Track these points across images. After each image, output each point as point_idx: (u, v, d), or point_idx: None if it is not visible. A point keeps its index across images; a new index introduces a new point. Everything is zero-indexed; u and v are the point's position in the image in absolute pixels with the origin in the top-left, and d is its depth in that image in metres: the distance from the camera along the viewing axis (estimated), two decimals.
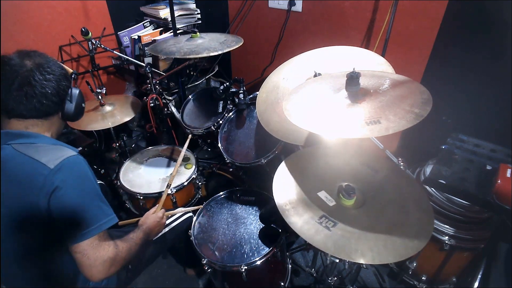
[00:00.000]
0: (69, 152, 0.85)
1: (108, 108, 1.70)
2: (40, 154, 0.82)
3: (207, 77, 2.17)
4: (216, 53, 1.42)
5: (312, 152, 1.17)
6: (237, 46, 1.49)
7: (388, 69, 1.20)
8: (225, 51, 1.44)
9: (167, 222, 1.30)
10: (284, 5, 1.81)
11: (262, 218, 1.32)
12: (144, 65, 1.77)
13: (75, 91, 0.96)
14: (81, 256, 0.84)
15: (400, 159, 1.11)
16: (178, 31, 1.99)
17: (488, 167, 1.11)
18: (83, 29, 1.67)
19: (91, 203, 0.86)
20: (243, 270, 1.14)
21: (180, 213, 1.36)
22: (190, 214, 1.39)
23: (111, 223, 0.89)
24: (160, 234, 1.25)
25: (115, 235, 0.99)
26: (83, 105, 1.00)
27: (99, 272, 0.86)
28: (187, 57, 1.42)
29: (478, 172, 1.10)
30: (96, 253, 0.85)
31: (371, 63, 1.24)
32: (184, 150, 1.52)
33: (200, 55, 1.41)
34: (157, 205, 1.30)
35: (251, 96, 1.62)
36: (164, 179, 1.57)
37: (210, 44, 1.51)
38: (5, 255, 0.83)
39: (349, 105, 0.91)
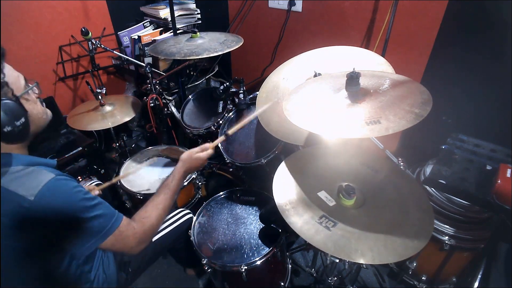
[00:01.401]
0: (45, 175, 0.76)
1: (108, 108, 1.70)
2: (14, 183, 0.73)
3: (207, 77, 2.17)
4: (216, 54, 1.42)
5: (312, 152, 1.17)
6: (237, 46, 1.49)
7: (388, 69, 1.20)
8: (225, 51, 1.44)
9: (167, 224, 1.30)
10: (284, 5, 1.81)
11: (262, 218, 1.32)
12: (144, 65, 1.77)
13: None
14: (112, 249, 0.86)
15: (400, 159, 1.11)
16: (178, 31, 1.99)
17: (488, 167, 1.11)
18: (83, 29, 1.67)
19: (91, 214, 0.81)
20: (243, 270, 1.14)
21: None
22: (190, 215, 1.39)
23: (118, 221, 0.86)
24: (161, 235, 1.25)
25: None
26: (16, 123, 0.76)
27: (138, 247, 0.90)
28: (188, 58, 1.42)
29: (478, 172, 1.10)
30: (125, 241, 0.86)
31: (371, 63, 1.24)
32: None
33: (200, 56, 1.41)
34: (206, 145, 1.13)
35: (251, 96, 1.62)
36: (164, 179, 1.56)
37: (210, 45, 1.51)
38: (4, 255, 0.83)
39: (349, 105, 0.91)
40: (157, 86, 1.78)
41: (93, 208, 0.82)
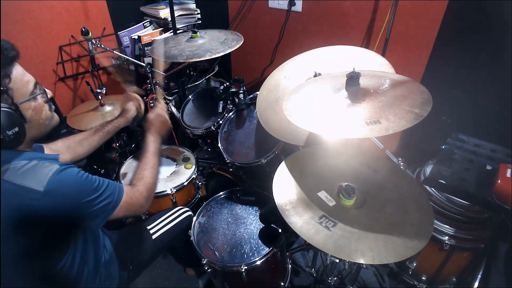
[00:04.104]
0: (50, 166, 0.77)
1: (108, 108, 1.70)
2: (21, 177, 0.74)
3: (207, 77, 2.17)
4: (218, 55, 1.42)
5: (312, 152, 1.17)
6: (238, 46, 1.49)
7: (389, 69, 1.20)
8: (227, 52, 1.44)
9: (167, 221, 1.30)
10: (284, 5, 1.81)
11: (262, 218, 1.32)
12: (144, 65, 1.77)
13: None
14: (127, 214, 0.92)
15: (400, 159, 1.11)
16: (178, 31, 1.99)
17: (488, 167, 1.11)
18: (83, 29, 1.67)
19: (97, 193, 0.84)
20: (243, 270, 1.14)
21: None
22: (190, 213, 1.39)
23: (122, 190, 0.91)
24: (160, 232, 1.25)
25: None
26: (8, 132, 0.75)
27: (148, 203, 0.99)
28: (190, 61, 1.42)
29: (478, 172, 1.10)
30: (136, 203, 0.94)
31: (372, 63, 1.23)
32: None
33: (202, 58, 1.41)
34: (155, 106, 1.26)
35: (251, 96, 1.62)
36: (164, 179, 1.56)
37: (211, 45, 1.50)
38: (4, 255, 0.83)
39: (349, 105, 0.91)
40: (157, 86, 1.78)
41: (98, 187, 0.85)
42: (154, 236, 1.23)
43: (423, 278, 1.41)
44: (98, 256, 1.03)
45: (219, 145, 1.54)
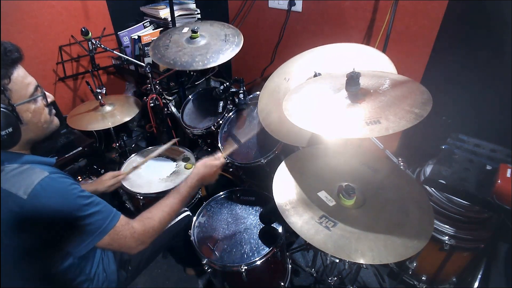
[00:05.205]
0: (38, 174, 0.76)
1: (108, 108, 1.70)
2: (8, 182, 0.74)
3: (207, 77, 2.17)
4: (232, 55, 1.49)
5: (312, 152, 1.17)
6: (241, 41, 1.53)
7: (390, 66, 1.19)
8: (237, 51, 1.52)
9: None
10: (284, 5, 1.81)
11: (262, 218, 1.32)
12: (144, 65, 1.77)
13: None
14: (109, 248, 0.85)
15: (400, 159, 1.11)
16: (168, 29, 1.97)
17: (488, 167, 1.11)
18: (83, 29, 1.67)
19: (87, 212, 0.80)
20: (243, 270, 1.14)
21: None
22: (188, 213, 1.39)
23: (115, 220, 0.85)
24: None
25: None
26: (1, 132, 0.74)
27: (138, 247, 0.90)
28: (207, 67, 1.46)
29: (478, 172, 1.10)
30: (123, 240, 0.86)
31: (373, 61, 1.23)
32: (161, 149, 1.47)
33: (218, 63, 1.47)
34: (217, 154, 1.19)
35: (251, 96, 1.62)
36: (164, 179, 1.56)
37: (217, 45, 1.51)
38: (2, 254, 0.83)
39: (349, 105, 0.91)
40: (157, 86, 1.78)
41: (89, 206, 0.81)
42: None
43: (423, 278, 1.41)
44: (96, 257, 1.03)
45: (219, 145, 1.54)
